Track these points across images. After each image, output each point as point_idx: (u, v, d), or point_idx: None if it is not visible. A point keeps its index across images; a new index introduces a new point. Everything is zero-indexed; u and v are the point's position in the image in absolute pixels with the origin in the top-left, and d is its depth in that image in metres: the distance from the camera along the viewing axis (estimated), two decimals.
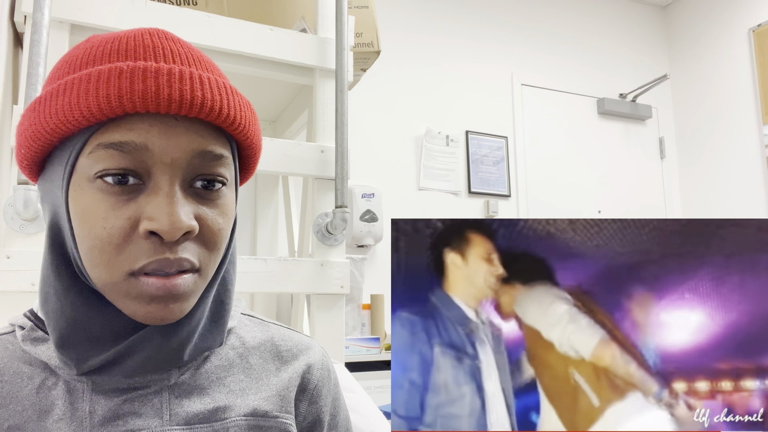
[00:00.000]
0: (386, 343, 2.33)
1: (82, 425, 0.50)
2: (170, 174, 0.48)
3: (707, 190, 3.42)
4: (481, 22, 3.21)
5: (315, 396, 0.62)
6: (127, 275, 0.47)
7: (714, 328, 0.59)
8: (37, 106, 0.49)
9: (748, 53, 3.23)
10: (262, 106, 1.70)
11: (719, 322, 0.59)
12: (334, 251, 1.22)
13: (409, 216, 2.80)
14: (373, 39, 1.52)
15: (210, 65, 0.54)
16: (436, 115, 3.01)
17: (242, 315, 0.64)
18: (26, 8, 1.03)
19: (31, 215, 0.95)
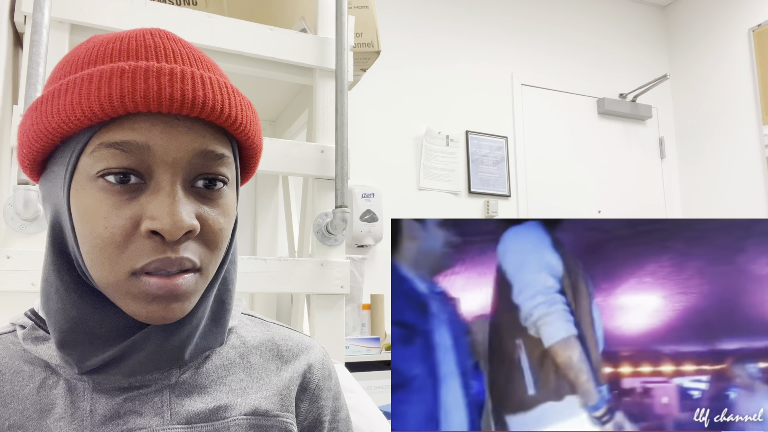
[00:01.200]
0: (386, 343, 2.33)
1: (82, 424, 0.50)
2: (172, 173, 0.48)
3: (707, 190, 3.42)
4: (481, 22, 3.21)
5: (316, 395, 0.62)
6: (128, 275, 0.47)
7: (670, 312, 0.60)
8: (39, 105, 0.49)
9: (748, 53, 3.23)
10: (262, 106, 1.70)
11: (676, 306, 0.60)
12: (334, 251, 1.22)
13: (409, 216, 2.80)
14: (373, 39, 1.52)
15: (211, 65, 0.54)
16: (436, 115, 3.01)
17: (243, 315, 0.64)
18: (26, 8, 1.03)
19: (31, 215, 0.95)
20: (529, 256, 0.59)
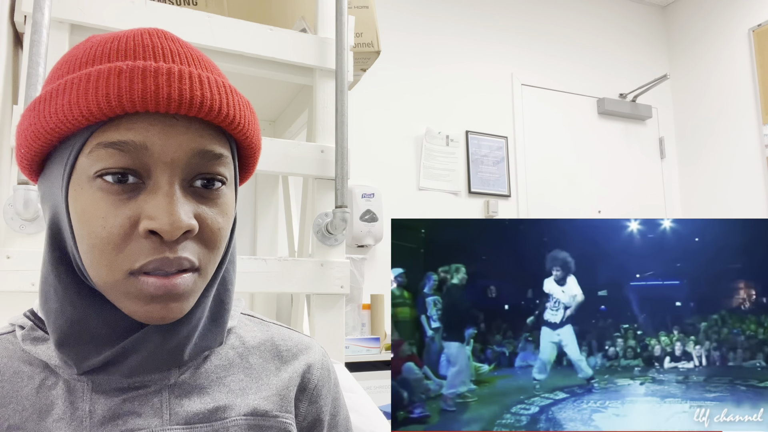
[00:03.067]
0: (386, 343, 2.33)
1: (81, 425, 0.50)
2: (170, 173, 0.48)
3: (707, 190, 3.42)
4: (481, 22, 3.21)
5: (315, 396, 0.62)
6: (126, 274, 0.47)
7: None
8: (36, 105, 0.49)
9: (748, 53, 3.23)
10: (262, 106, 1.70)
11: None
12: (334, 251, 1.22)
13: (409, 216, 2.80)
14: (373, 39, 1.52)
15: (209, 65, 0.54)
16: (436, 115, 3.01)
17: (242, 315, 0.64)
18: (26, 8, 1.03)
19: (31, 215, 0.95)
20: None
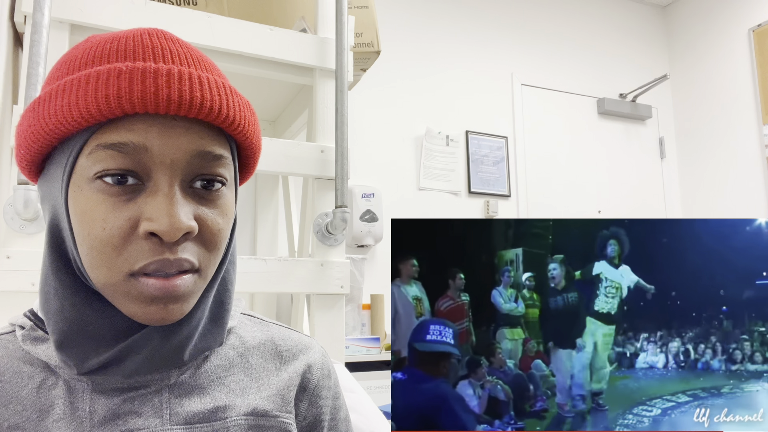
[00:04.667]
0: (386, 343, 2.33)
1: (81, 425, 0.50)
2: (169, 174, 0.48)
3: (707, 190, 3.42)
4: (481, 22, 3.21)
5: (315, 396, 0.62)
6: (126, 276, 0.47)
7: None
8: (36, 106, 0.49)
9: (748, 53, 3.23)
10: (262, 106, 1.70)
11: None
12: (334, 251, 1.22)
13: (409, 216, 2.80)
14: (373, 39, 1.52)
15: (209, 65, 0.53)
16: (436, 115, 3.01)
17: (242, 315, 0.64)
18: (26, 8, 1.03)
19: (31, 215, 0.95)
20: None
